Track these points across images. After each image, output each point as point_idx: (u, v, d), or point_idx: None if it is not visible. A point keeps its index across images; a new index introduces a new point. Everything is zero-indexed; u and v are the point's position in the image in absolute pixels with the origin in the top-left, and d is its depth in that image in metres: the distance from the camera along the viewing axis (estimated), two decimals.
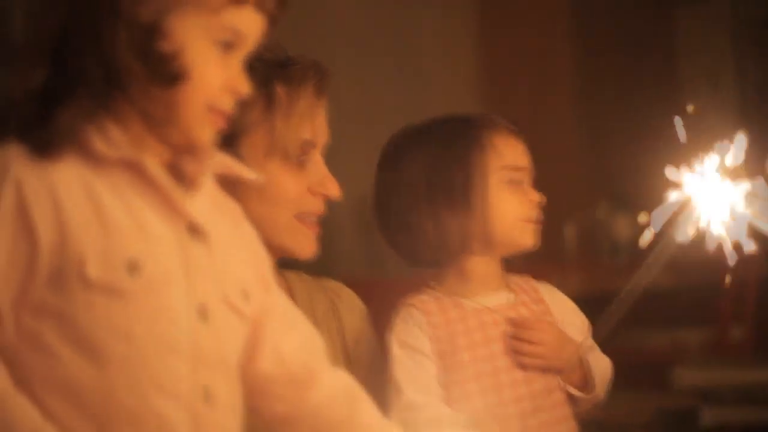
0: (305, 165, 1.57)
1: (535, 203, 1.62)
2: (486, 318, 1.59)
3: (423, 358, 1.57)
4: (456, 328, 1.58)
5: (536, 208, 1.63)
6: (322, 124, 1.59)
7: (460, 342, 1.57)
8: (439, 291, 1.62)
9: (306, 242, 1.58)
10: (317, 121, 1.58)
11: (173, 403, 1.14)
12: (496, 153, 1.61)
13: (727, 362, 3.34)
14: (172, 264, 1.15)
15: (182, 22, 1.14)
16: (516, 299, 1.63)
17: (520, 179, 1.62)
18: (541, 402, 1.58)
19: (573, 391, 1.61)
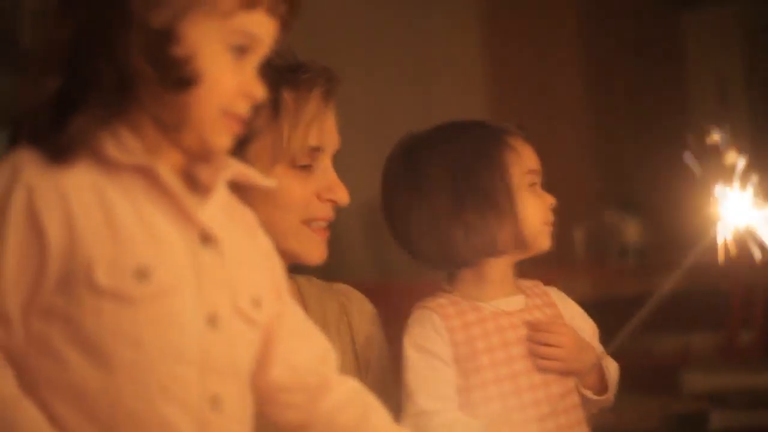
0: (313, 171, 1.56)
1: (549, 206, 1.63)
2: (503, 321, 1.59)
3: (438, 362, 1.56)
4: (474, 331, 1.58)
5: (551, 210, 1.64)
6: (331, 130, 1.59)
7: (479, 345, 1.57)
8: (455, 294, 1.62)
9: (314, 248, 1.57)
10: (325, 127, 1.57)
11: (180, 410, 1.13)
12: (518, 156, 1.62)
13: (736, 366, 3.34)
14: (182, 271, 1.14)
15: (195, 26, 1.14)
16: (530, 303, 1.63)
17: (536, 182, 1.63)
18: (558, 405, 1.58)
19: (588, 394, 1.61)
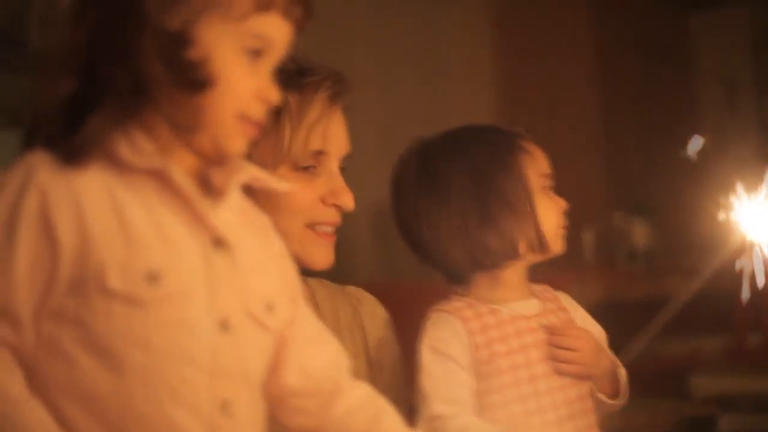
0: (318, 174, 1.56)
1: (562, 209, 1.63)
2: (521, 325, 1.59)
3: (454, 365, 1.55)
4: (493, 334, 1.58)
5: (563, 214, 1.64)
6: (337, 134, 1.58)
7: (498, 349, 1.57)
8: (470, 297, 1.62)
9: (319, 252, 1.57)
10: (330, 130, 1.56)
11: (190, 414, 1.13)
12: (533, 160, 1.62)
13: (745, 370, 3.33)
14: (194, 275, 1.14)
15: (209, 29, 1.14)
16: (545, 307, 1.64)
17: (549, 186, 1.63)
18: (575, 409, 1.58)
19: (603, 398, 1.61)
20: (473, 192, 1.59)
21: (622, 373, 1.64)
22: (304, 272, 1.58)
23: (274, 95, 1.20)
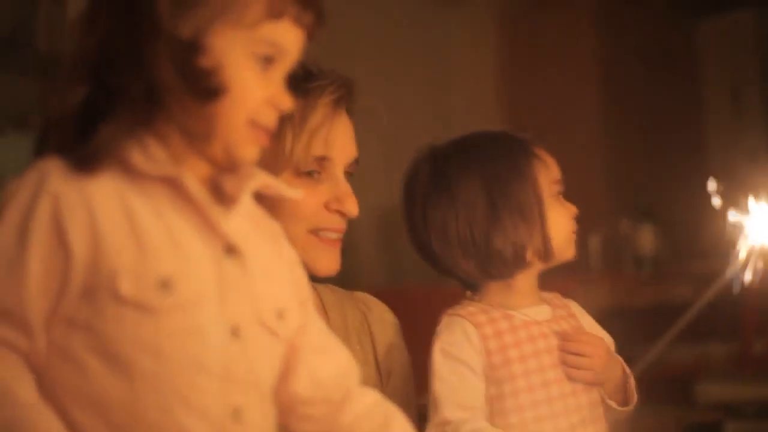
0: (322, 180, 1.55)
1: (573, 215, 1.63)
2: (534, 330, 1.59)
3: (467, 370, 1.55)
4: (507, 339, 1.57)
5: (574, 220, 1.64)
6: (341, 140, 1.57)
7: (512, 354, 1.56)
8: (483, 303, 1.61)
9: (323, 259, 1.56)
10: (333, 136, 1.55)
11: (200, 421, 1.13)
12: (545, 166, 1.62)
13: (750, 376, 3.32)
14: (205, 283, 1.14)
15: (221, 37, 1.14)
16: (556, 313, 1.63)
17: (560, 192, 1.63)
18: (586, 415, 1.58)
19: (613, 405, 1.61)
20: (485, 199, 1.58)
21: (632, 380, 1.63)
22: (313, 278, 1.58)
23: (287, 102, 1.19)
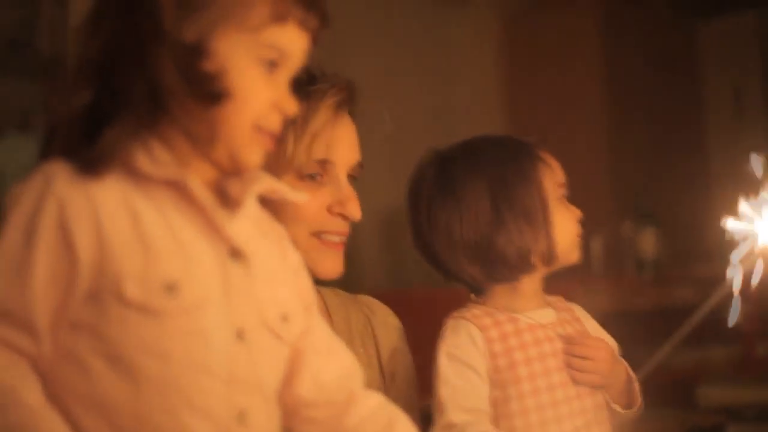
0: (324, 183, 1.55)
1: (578, 218, 1.64)
2: (539, 334, 1.59)
3: (471, 372, 1.55)
4: (512, 342, 1.57)
5: (579, 222, 1.64)
6: (344, 143, 1.57)
7: (517, 357, 1.56)
8: (488, 306, 1.61)
9: (326, 262, 1.56)
10: (336, 139, 1.55)
11: (206, 424, 1.13)
12: (550, 170, 1.62)
13: (752, 380, 3.32)
14: (210, 286, 1.14)
15: (226, 41, 1.14)
16: (560, 317, 1.64)
17: (564, 195, 1.64)
18: (591, 418, 1.58)
19: (618, 408, 1.61)
20: (490, 203, 1.58)
21: (636, 383, 1.63)
22: (316, 281, 1.57)
23: (291, 106, 1.19)
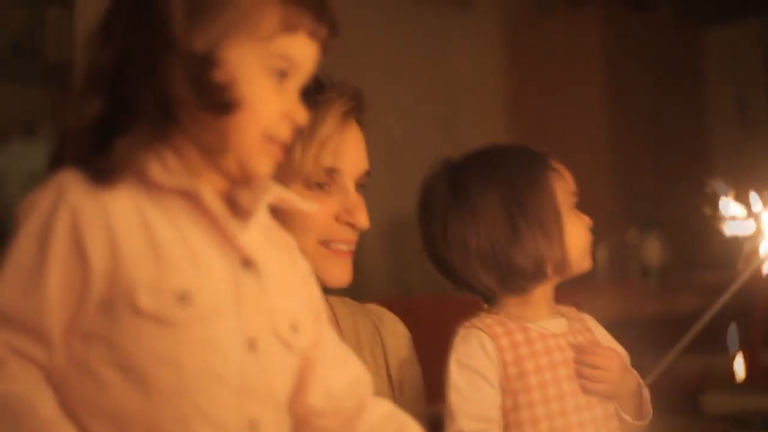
0: (332, 192, 1.56)
1: (588, 226, 1.64)
2: (551, 343, 1.59)
3: (482, 381, 1.56)
4: (523, 351, 1.58)
5: (589, 230, 1.64)
6: (352, 152, 1.57)
7: (527, 366, 1.57)
8: (500, 315, 1.62)
9: (334, 270, 1.56)
10: (343, 148, 1.56)
11: None
12: (562, 179, 1.63)
13: (757, 388, 3.31)
14: (223, 296, 1.14)
15: (236, 51, 1.14)
16: (572, 326, 1.64)
17: (575, 203, 1.64)
18: (600, 428, 1.58)
19: (628, 419, 1.61)
20: (504, 214, 1.59)
21: (646, 393, 1.64)
22: (325, 290, 1.57)
23: (301, 115, 1.19)
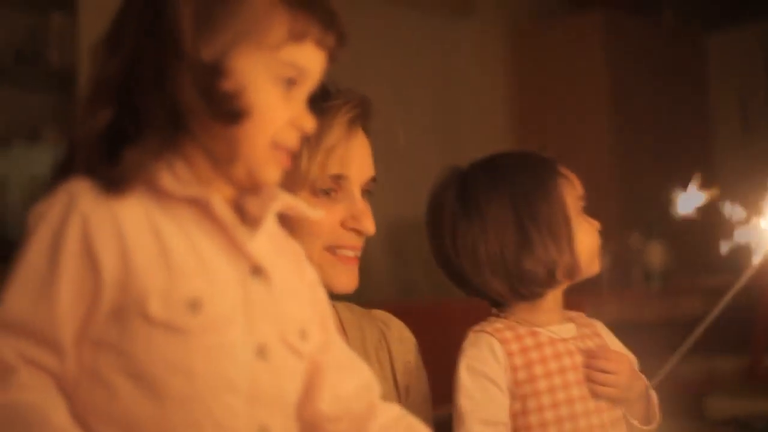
0: (338, 199, 1.56)
1: (597, 230, 1.64)
2: (560, 347, 1.60)
3: (492, 386, 1.56)
4: (532, 356, 1.58)
5: (598, 234, 1.65)
6: (358, 158, 1.58)
7: (537, 371, 1.57)
8: (510, 320, 1.62)
9: (340, 276, 1.57)
10: (350, 154, 1.56)
11: None
12: (571, 185, 1.63)
13: (760, 391, 3.31)
14: (233, 303, 1.15)
15: (244, 60, 1.14)
16: (581, 332, 1.65)
17: (583, 208, 1.65)
18: None
19: (636, 423, 1.61)
20: (514, 220, 1.59)
21: (654, 398, 1.64)
22: (331, 296, 1.57)
23: (309, 123, 1.20)
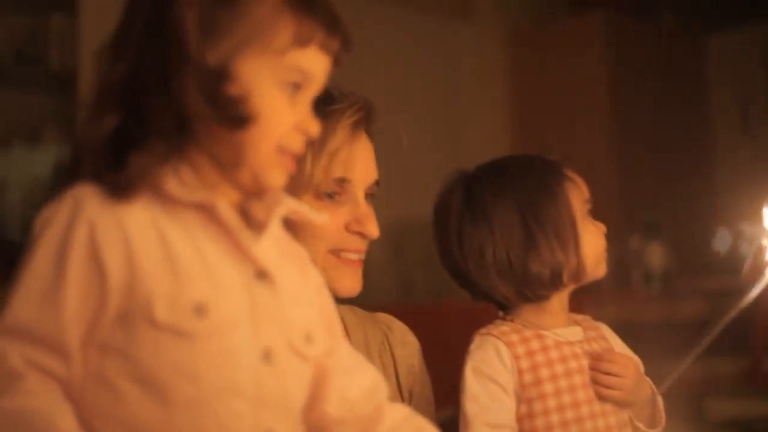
0: (342, 202, 1.56)
1: (603, 232, 1.65)
2: (566, 350, 1.60)
3: (498, 389, 1.57)
4: (538, 359, 1.59)
5: (604, 237, 1.65)
6: (362, 162, 1.58)
7: (543, 374, 1.58)
8: (516, 323, 1.63)
9: (344, 279, 1.57)
10: (354, 158, 1.56)
11: None
12: (577, 188, 1.63)
13: (760, 393, 3.32)
14: (238, 307, 1.15)
15: (249, 64, 1.15)
16: (587, 335, 1.65)
17: (589, 210, 1.65)
18: None
19: (642, 427, 1.62)
20: (520, 223, 1.59)
21: (660, 401, 1.64)
22: (335, 299, 1.57)
23: (313, 127, 1.20)
